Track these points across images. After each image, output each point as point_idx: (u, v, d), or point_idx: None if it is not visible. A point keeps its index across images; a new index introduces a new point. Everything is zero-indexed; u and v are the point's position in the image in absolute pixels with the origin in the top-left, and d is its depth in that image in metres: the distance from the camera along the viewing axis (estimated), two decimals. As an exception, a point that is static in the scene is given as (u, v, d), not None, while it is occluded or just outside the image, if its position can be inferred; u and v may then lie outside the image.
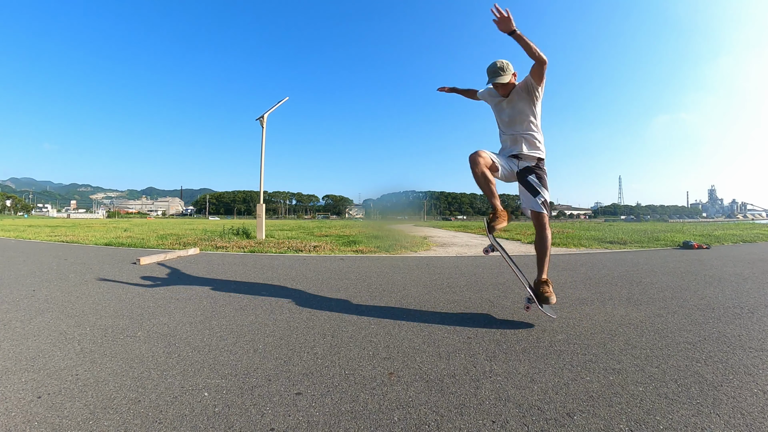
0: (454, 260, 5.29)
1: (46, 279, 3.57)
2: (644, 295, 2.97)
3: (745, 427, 1.16)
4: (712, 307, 2.59)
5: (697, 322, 2.26)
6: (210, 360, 1.67)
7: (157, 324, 2.18)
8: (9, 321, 2.21)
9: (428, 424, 1.18)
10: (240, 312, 2.44)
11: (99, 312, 2.43)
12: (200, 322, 2.23)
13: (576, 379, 1.49)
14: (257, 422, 1.19)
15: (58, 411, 1.24)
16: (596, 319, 2.31)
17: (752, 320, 2.29)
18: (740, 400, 1.32)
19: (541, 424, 1.18)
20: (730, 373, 1.54)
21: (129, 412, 1.24)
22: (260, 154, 9.29)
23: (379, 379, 1.49)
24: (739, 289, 3.20)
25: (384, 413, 1.24)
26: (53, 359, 1.66)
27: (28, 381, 1.45)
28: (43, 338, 1.93)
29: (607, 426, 1.17)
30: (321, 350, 1.79)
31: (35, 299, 2.76)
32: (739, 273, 4.09)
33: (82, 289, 3.11)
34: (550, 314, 2.21)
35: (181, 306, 2.59)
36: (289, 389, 1.40)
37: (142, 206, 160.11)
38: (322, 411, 1.25)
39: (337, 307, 2.58)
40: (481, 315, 2.41)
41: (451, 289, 3.23)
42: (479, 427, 1.17)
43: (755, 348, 1.82)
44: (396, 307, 2.59)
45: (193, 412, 1.24)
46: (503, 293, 3.05)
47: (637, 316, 2.38)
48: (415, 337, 1.97)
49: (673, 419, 1.20)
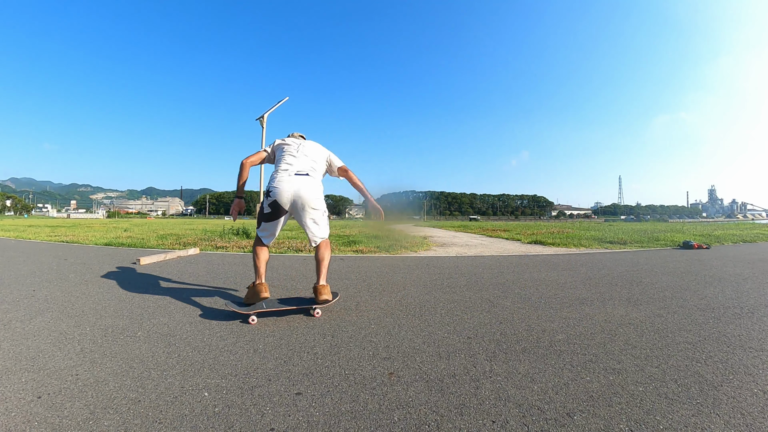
0: (454, 260, 5.29)
1: (46, 279, 3.57)
2: (644, 295, 2.97)
3: (745, 427, 1.16)
4: (712, 307, 2.60)
5: (697, 322, 2.26)
6: (210, 360, 1.67)
7: (157, 324, 2.18)
8: (9, 321, 2.21)
9: (428, 424, 1.18)
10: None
11: (99, 312, 2.43)
12: (200, 322, 2.23)
13: (576, 379, 1.49)
14: (257, 422, 1.19)
15: (58, 411, 1.24)
16: (596, 319, 2.31)
17: (752, 320, 2.29)
18: (740, 400, 1.32)
19: (541, 424, 1.18)
20: (730, 373, 1.54)
21: (129, 412, 1.24)
22: (260, 154, 9.30)
23: (379, 379, 1.49)
24: (739, 289, 3.21)
25: (384, 413, 1.24)
26: (53, 359, 1.66)
27: (28, 381, 1.45)
28: (43, 338, 1.93)
29: (607, 426, 1.17)
30: (321, 350, 1.79)
31: (35, 299, 2.76)
32: (739, 273, 4.09)
33: (82, 289, 3.11)
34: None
35: (181, 306, 2.59)
36: (289, 389, 1.40)
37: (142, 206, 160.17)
38: (322, 411, 1.25)
39: (337, 307, 2.58)
40: (481, 315, 2.41)
41: (451, 289, 3.23)
42: (479, 427, 1.17)
43: (755, 348, 1.82)
44: (396, 307, 2.59)
45: (193, 412, 1.24)
46: (503, 293, 3.05)
47: (637, 316, 2.38)
48: (415, 337, 1.97)
49: (673, 419, 1.20)
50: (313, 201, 2.37)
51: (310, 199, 2.36)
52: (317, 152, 2.58)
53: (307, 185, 2.37)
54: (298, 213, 2.39)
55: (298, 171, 2.40)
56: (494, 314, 2.42)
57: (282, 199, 2.33)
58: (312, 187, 2.39)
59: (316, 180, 2.46)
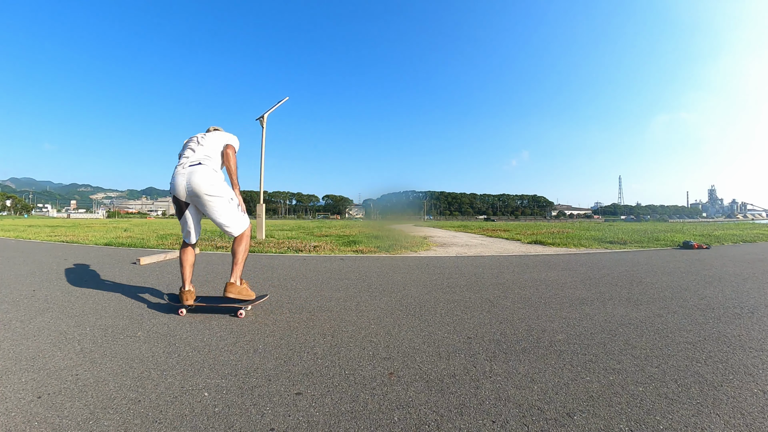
0: (454, 260, 5.29)
1: (46, 279, 3.57)
2: (644, 295, 2.97)
3: (745, 427, 1.16)
4: (712, 307, 2.59)
5: (697, 322, 2.26)
6: (210, 360, 1.67)
7: (157, 324, 2.18)
8: (9, 321, 2.21)
9: (428, 424, 1.18)
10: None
11: (99, 312, 2.43)
12: (200, 322, 2.23)
13: (576, 379, 1.49)
14: (257, 422, 1.19)
15: (58, 411, 1.24)
16: (596, 319, 2.31)
17: (752, 320, 2.29)
18: (740, 400, 1.32)
19: (541, 424, 1.18)
20: (730, 373, 1.54)
21: (129, 412, 1.24)
22: (260, 154, 9.30)
23: (379, 379, 1.49)
24: (739, 289, 3.20)
25: (384, 413, 1.24)
26: (53, 359, 1.66)
27: (28, 381, 1.45)
28: (43, 338, 1.93)
29: (607, 426, 1.17)
30: (321, 350, 1.79)
31: (35, 299, 2.76)
32: (739, 273, 4.09)
33: (82, 289, 3.11)
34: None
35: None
36: (289, 389, 1.40)
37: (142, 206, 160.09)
38: (322, 411, 1.25)
39: (337, 307, 2.58)
40: (481, 315, 2.41)
41: (451, 289, 3.23)
42: (479, 427, 1.17)
43: (755, 348, 1.82)
44: (396, 307, 2.59)
45: (193, 412, 1.24)
46: (503, 293, 3.05)
47: (637, 316, 2.38)
48: (415, 337, 1.97)
49: (673, 419, 1.20)
50: (205, 187, 2.32)
51: (201, 185, 2.31)
52: (214, 141, 2.52)
53: (198, 173, 2.34)
54: (199, 204, 2.38)
55: (192, 162, 2.39)
56: (494, 314, 2.42)
57: (177, 191, 2.35)
58: (203, 174, 2.34)
59: (209, 167, 2.39)
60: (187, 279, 2.44)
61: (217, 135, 2.57)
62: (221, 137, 2.55)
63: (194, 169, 2.35)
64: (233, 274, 2.41)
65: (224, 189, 2.40)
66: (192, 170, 2.35)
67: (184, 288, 2.42)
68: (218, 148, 2.50)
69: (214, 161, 2.45)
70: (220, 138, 2.54)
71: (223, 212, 2.38)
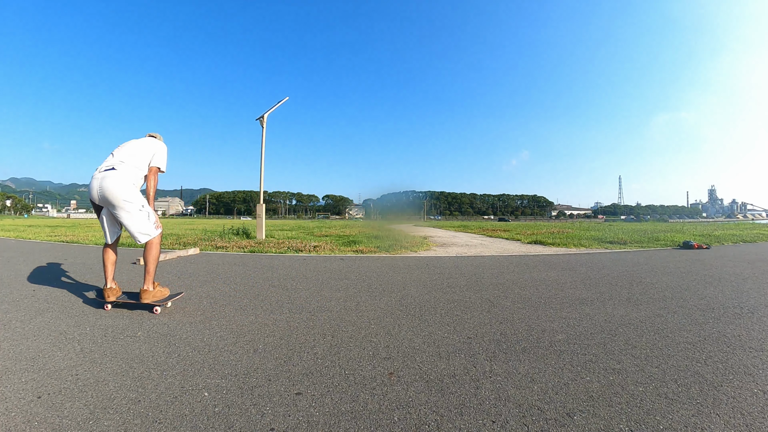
0: (454, 260, 5.29)
1: (46, 279, 3.57)
2: (644, 295, 2.97)
3: (745, 427, 1.16)
4: (712, 307, 2.59)
5: (697, 322, 2.26)
6: (210, 360, 1.67)
7: (157, 324, 2.18)
8: (9, 321, 2.21)
9: (428, 424, 1.18)
10: (240, 312, 2.44)
11: (99, 312, 2.43)
12: (200, 322, 2.23)
13: (576, 379, 1.49)
14: (257, 422, 1.19)
15: (58, 411, 1.24)
16: (596, 319, 2.31)
17: (752, 320, 2.29)
18: (740, 400, 1.32)
19: (541, 424, 1.18)
20: (730, 373, 1.54)
21: (129, 412, 1.24)
22: (260, 154, 9.30)
23: (379, 379, 1.49)
24: (739, 289, 3.21)
25: (384, 413, 1.24)
26: (53, 359, 1.66)
27: (28, 381, 1.45)
28: (43, 338, 1.93)
29: (607, 426, 1.17)
30: (321, 350, 1.79)
31: (35, 299, 2.76)
32: (739, 273, 4.09)
33: (82, 290, 3.11)
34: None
35: (181, 306, 2.59)
36: (289, 389, 1.40)
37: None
38: (322, 411, 1.25)
39: (337, 307, 2.58)
40: (481, 315, 2.41)
41: (451, 289, 3.23)
42: (479, 427, 1.17)
43: (755, 348, 1.82)
44: (396, 307, 2.59)
45: (193, 412, 1.24)
46: (503, 293, 3.05)
47: (637, 316, 2.38)
48: (415, 337, 1.97)
49: (673, 419, 1.20)
50: (114, 192, 2.35)
51: (110, 190, 2.35)
52: (136, 148, 2.55)
53: (108, 178, 2.37)
54: (110, 208, 2.42)
55: (106, 167, 2.43)
56: (494, 314, 2.42)
57: (91, 194, 2.43)
58: (113, 179, 2.37)
59: (122, 173, 2.41)
60: (108, 277, 2.51)
61: (144, 143, 2.62)
62: (150, 147, 2.60)
63: (106, 174, 2.39)
64: (145, 282, 2.46)
65: (134, 196, 2.43)
66: (104, 175, 2.39)
67: (106, 285, 2.49)
68: (140, 155, 2.54)
69: (129, 166, 2.48)
70: (150, 147, 2.59)
71: (131, 218, 2.42)
